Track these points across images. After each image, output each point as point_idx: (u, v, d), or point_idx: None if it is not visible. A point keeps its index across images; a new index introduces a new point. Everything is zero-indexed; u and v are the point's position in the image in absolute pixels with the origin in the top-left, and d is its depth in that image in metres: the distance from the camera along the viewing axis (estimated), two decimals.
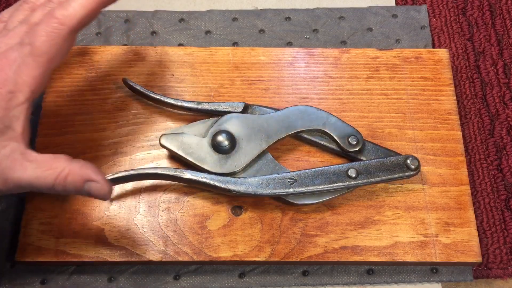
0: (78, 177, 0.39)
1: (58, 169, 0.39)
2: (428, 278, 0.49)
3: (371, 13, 0.61)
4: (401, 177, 0.47)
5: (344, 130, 0.48)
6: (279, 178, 0.46)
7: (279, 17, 0.61)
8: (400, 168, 0.47)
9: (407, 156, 0.47)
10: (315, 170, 0.46)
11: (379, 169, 0.47)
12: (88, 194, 0.40)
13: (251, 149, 0.47)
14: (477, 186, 0.53)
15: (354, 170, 0.46)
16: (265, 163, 0.47)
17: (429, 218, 0.49)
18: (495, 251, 0.50)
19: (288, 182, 0.45)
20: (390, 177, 0.47)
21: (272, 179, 0.46)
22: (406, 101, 0.53)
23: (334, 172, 0.46)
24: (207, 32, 0.60)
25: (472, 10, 0.61)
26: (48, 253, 0.47)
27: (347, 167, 0.46)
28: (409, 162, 0.47)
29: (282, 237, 0.48)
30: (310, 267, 0.49)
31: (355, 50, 0.56)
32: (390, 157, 0.47)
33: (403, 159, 0.47)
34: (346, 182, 0.46)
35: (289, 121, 0.48)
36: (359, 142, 0.48)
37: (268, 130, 0.48)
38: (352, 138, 0.48)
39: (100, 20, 0.60)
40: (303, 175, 0.46)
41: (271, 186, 0.45)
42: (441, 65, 0.55)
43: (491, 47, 0.59)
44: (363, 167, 0.46)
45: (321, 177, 0.46)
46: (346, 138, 0.48)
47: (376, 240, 0.48)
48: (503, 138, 0.55)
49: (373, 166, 0.47)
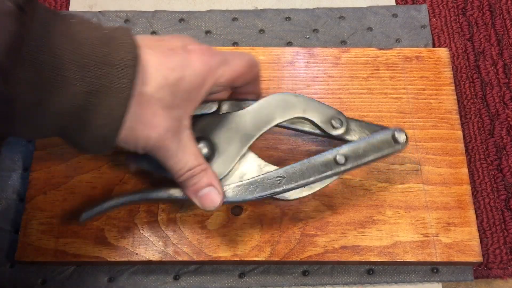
0: (206, 179, 0.41)
1: (195, 163, 0.41)
2: (429, 278, 0.49)
3: (371, 12, 0.61)
4: (391, 153, 0.44)
5: (325, 113, 0.45)
6: (267, 179, 0.42)
7: (279, 17, 0.61)
8: (388, 144, 0.44)
9: (393, 130, 0.44)
10: (303, 163, 0.43)
11: (367, 150, 0.43)
12: (200, 198, 0.42)
13: (231, 153, 0.44)
14: (477, 186, 0.53)
15: (343, 156, 0.43)
16: (249, 163, 0.45)
17: (430, 217, 0.48)
18: (495, 251, 0.50)
19: (276, 181, 0.42)
20: (380, 155, 0.44)
21: (260, 181, 0.42)
22: (406, 100, 0.53)
23: (322, 163, 0.43)
24: (207, 32, 0.60)
25: (472, 10, 0.61)
26: (48, 253, 0.47)
27: (334, 154, 0.43)
28: (397, 136, 0.44)
29: (282, 237, 0.48)
30: (310, 267, 0.49)
31: (355, 50, 0.56)
32: (376, 134, 0.44)
33: (390, 135, 0.44)
34: (336, 169, 0.43)
35: (267, 113, 0.44)
36: (343, 123, 0.45)
37: (246, 128, 0.44)
38: (336, 121, 0.45)
39: (100, 20, 0.60)
40: (291, 171, 0.43)
41: (259, 188, 0.42)
42: (441, 65, 0.55)
43: (491, 47, 0.59)
44: (351, 151, 0.43)
45: (309, 170, 0.43)
46: (329, 122, 0.45)
47: (376, 239, 0.48)
48: (503, 138, 0.55)
49: (361, 148, 0.43)
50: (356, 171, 0.50)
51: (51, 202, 0.48)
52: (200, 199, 0.41)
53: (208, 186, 0.41)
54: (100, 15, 0.60)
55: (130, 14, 0.61)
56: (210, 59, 0.40)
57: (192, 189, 0.41)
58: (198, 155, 0.41)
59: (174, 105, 0.39)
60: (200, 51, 0.40)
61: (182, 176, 0.41)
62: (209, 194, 0.41)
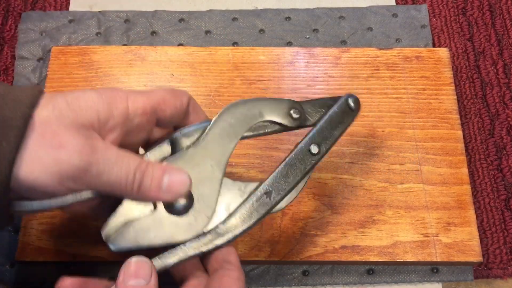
0: (159, 168, 0.36)
1: (137, 160, 0.36)
2: (429, 278, 0.49)
3: (371, 12, 0.61)
4: (352, 121, 0.43)
5: (282, 107, 0.42)
6: (256, 200, 0.39)
7: (279, 17, 0.61)
8: (346, 114, 0.42)
9: (346, 99, 0.43)
10: (280, 169, 0.40)
11: (332, 128, 0.42)
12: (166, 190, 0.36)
13: (209, 188, 0.39)
14: (477, 186, 0.53)
15: (315, 145, 0.41)
16: (229, 191, 0.40)
17: (430, 217, 0.48)
18: (495, 251, 0.50)
19: (266, 198, 0.40)
20: (344, 128, 0.42)
21: (251, 206, 0.39)
22: (406, 100, 0.53)
23: (298, 160, 0.41)
24: (207, 32, 0.60)
25: (472, 10, 0.61)
26: (48, 253, 0.47)
27: (306, 145, 0.41)
28: (350, 103, 0.43)
29: (282, 237, 0.48)
30: (310, 267, 0.49)
31: (355, 50, 0.56)
32: (333, 109, 0.42)
33: (344, 104, 0.43)
34: (313, 160, 0.41)
35: (227, 132, 0.40)
36: (300, 111, 0.42)
37: (214, 155, 0.40)
38: (294, 111, 0.42)
39: (100, 20, 0.60)
40: (274, 180, 0.40)
41: (254, 214, 0.39)
42: (442, 64, 0.55)
43: (491, 47, 0.59)
44: (320, 137, 0.41)
45: (290, 171, 0.40)
46: (288, 115, 0.42)
47: (376, 239, 0.48)
48: (503, 138, 0.55)
49: (327, 130, 0.42)
50: (356, 171, 0.50)
51: None
52: (169, 189, 0.36)
53: (165, 173, 0.36)
54: (100, 15, 0.60)
55: (130, 14, 0.61)
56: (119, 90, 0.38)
57: (153, 187, 0.36)
58: (133, 154, 0.36)
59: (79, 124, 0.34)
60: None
61: (134, 182, 0.35)
62: (172, 178, 0.36)
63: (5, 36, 0.60)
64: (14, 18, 0.61)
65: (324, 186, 0.50)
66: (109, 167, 0.34)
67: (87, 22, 0.60)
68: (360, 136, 0.52)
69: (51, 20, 0.60)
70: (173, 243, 0.38)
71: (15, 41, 0.60)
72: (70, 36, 0.59)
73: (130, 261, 0.35)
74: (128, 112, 0.37)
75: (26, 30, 0.60)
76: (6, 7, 0.62)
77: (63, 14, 0.61)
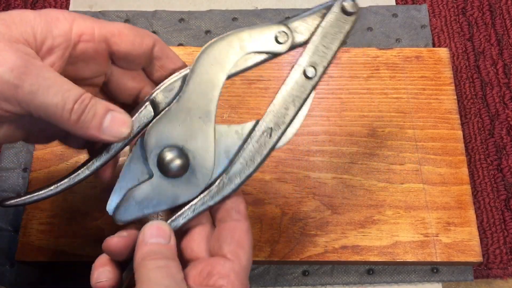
0: (101, 104, 0.33)
1: (79, 91, 0.33)
2: (429, 278, 0.49)
3: (371, 12, 0.61)
4: (351, 28, 0.37)
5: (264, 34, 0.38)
6: (256, 140, 0.37)
7: (279, 17, 0.61)
8: (343, 20, 0.37)
9: (340, 2, 0.37)
10: (277, 101, 0.37)
11: (328, 42, 0.37)
12: (108, 129, 0.34)
13: (203, 141, 0.37)
14: (477, 186, 0.53)
15: (310, 67, 0.37)
16: (226, 136, 0.37)
17: (430, 217, 0.48)
18: (495, 251, 0.50)
19: (266, 137, 0.37)
20: (342, 37, 0.37)
21: (251, 148, 0.37)
22: (406, 100, 0.53)
23: (294, 87, 0.37)
24: (207, 32, 0.60)
25: (472, 10, 0.61)
26: (48, 253, 0.47)
27: (301, 69, 0.37)
28: (346, 6, 0.37)
29: (282, 237, 0.48)
30: (310, 267, 0.49)
31: (355, 50, 0.56)
32: (325, 20, 0.37)
33: (338, 10, 0.37)
34: (311, 84, 0.37)
35: (209, 78, 0.37)
36: (287, 33, 0.38)
37: (199, 106, 0.37)
38: (280, 35, 0.38)
39: None
40: (273, 116, 0.37)
41: (256, 156, 0.37)
42: (442, 64, 0.55)
43: (491, 47, 0.59)
44: (313, 55, 0.37)
45: (287, 103, 0.37)
46: (273, 41, 0.38)
47: (376, 239, 0.48)
48: (503, 138, 0.55)
49: (321, 45, 0.37)
50: (356, 171, 0.50)
51: (51, 202, 0.48)
52: (110, 129, 0.34)
53: (108, 111, 0.33)
54: (100, 15, 0.60)
55: (130, 14, 0.61)
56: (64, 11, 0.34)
57: (94, 124, 0.33)
58: (76, 86, 0.33)
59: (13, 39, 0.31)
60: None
61: (72, 111, 0.32)
62: (115, 118, 0.34)
63: None
64: None
65: (324, 186, 0.50)
66: (45, 88, 0.31)
67: None
68: (360, 136, 0.52)
69: None
70: (178, 204, 0.36)
71: None
72: None
73: (148, 224, 0.35)
74: (71, 34, 0.34)
75: None
76: (6, 7, 0.62)
77: None
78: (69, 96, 0.32)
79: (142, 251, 0.33)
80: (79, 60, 0.35)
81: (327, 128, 0.52)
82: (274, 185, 0.50)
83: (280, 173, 0.50)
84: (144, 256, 0.33)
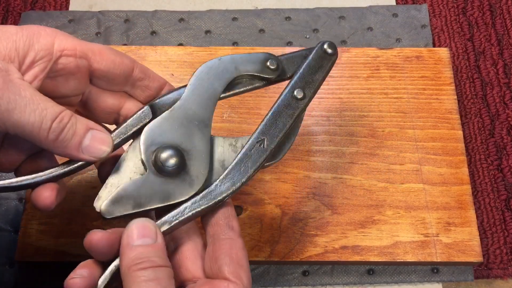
0: (81, 123, 0.33)
1: (58, 109, 0.32)
2: (429, 278, 0.49)
3: (372, 12, 0.61)
4: (331, 65, 0.42)
5: (257, 60, 0.41)
6: (249, 150, 0.38)
7: (279, 17, 0.61)
8: (325, 59, 0.42)
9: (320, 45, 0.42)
10: (269, 117, 0.39)
11: (312, 73, 0.41)
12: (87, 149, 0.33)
13: (199, 145, 0.38)
14: (478, 186, 0.53)
15: (299, 90, 0.40)
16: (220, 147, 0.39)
17: (430, 217, 0.48)
18: (496, 251, 0.50)
19: (259, 146, 0.38)
20: (325, 72, 0.42)
21: (246, 157, 0.38)
22: (406, 100, 0.53)
23: (284, 105, 0.40)
24: (207, 31, 0.60)
25: (472, 10, 0.61)
26: (48, 253, 0.47)
27: (290, 92, 0.40)
28: (326, 48, 0.42)
29: (282, 237, 0.48)
30: (310, 267, 0.49)
31: (355, 50, 0.56)
32: (310, 57, 0.42)
33: (320, 50, 0.42)
34: (300, 105, 0.40)
35: (205, 90, 0.39)
36: (277, 61, 0.41)
37: (197, 114, 0.38)
38: (270, 63, 0.41)
39: (100, 20, 0.60)
40: (264, 128, 0.39)
41: (250, 163, 0.38)
42: (442, 64, 0.55)
43: (491, 47, 0.59)
44: (301, 81, 0.41)
45: (279, 119, 0.39)
46: (265, 66, 0.41)
47: (376, 239, 0.48)
48: (503, 138, 0.55)
49: (307, 74, 0.41)
50: (356, 171, 0.50)
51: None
52: (89, 149, 0.33)
53: (88, 130, 0.33)
54: (100, 15, 0.60)
55: (130, 14, 0.61)
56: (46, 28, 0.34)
57: (73, 144, 0.33)
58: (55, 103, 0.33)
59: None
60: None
61: (49, 131, 0.32)
62: (95, 137, 0.33)
63: None
64: (14, 18, 0.61)
65: (324, 186, 0.50)
66: (21, 105, 0.31)
67: (87, 22, 0.60)
68: (360, 136, 0.52)
69: (50, 20, 0.60)
70: (170, 204, 0.36)
71: None
72: None
73: (132, 222, 0.34)
74: (53, 49, 0.34)
75: None
76: (6, 7, 0.62)
77: (63, 14, 0.61)
78: (47, 114, 0.31)
79: (129, 256, 0.32)
80: (59, 75, 0.35)
81: (327, 128, 0.52)
82: (274, 185, 0.50)
83: (280, 173, 0.50)
84: (131, 263, 0.32)
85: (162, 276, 0.31)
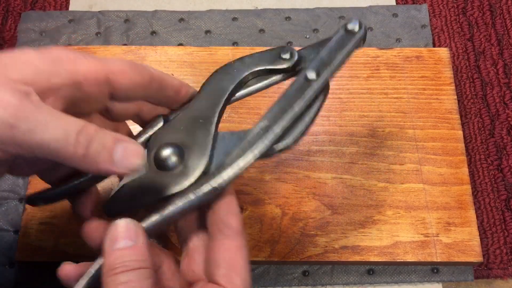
0: (109, 135, 0.31)
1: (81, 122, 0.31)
2: (429, 278, 0.49)
3: (372, 12, 0.61)
4: (356, 45, 0.39)
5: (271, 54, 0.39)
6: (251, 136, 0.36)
7: (279, 17, 0.61)
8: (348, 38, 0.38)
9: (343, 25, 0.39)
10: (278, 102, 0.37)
11: (331, 54, 0.38)
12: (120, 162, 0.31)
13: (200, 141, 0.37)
14: (478, 186, 0.53)
15: (312, 71, 0.37)
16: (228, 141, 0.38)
17: (430, 217, 0.48)
18: (496, 251, 0.50)
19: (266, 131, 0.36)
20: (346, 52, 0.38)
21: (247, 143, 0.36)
22: (406, 100, 0.53)
23: (295, 89, 0.37)
24: (207, 31, 0.60)
25: (472, 10, 0.61)
26: (48, 253, 0.47)
27: (303, 75, 0.37)
28: (350, 27, 0.38)
29: (282, 237, 0.48)
30: (310, 267, 0.49)
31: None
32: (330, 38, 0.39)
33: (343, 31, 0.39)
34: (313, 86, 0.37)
35: (214, 90, 0.39)
36: (292, 51, 0.39)
37: (203, 113, 0.38)
38: (284, 53, 0.39)
39: (100, 20, 0.60)
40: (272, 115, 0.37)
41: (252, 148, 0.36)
42: (442, 64, 0.55)
43: (491, 47, 0.59)
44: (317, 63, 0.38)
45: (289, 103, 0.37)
46: (278, 58, 0.39)
47: (376, 239, 0.48)
48: (504, 138, 0.55)
49: (325, 55, 0.38)
50: (356, 171, 0.50)
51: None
52: (123, 162, 0.31)
53: (118, 142, 0.31)
54: (100, 15, 0.60)
55: (130, 14, 0.61)
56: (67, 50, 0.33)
57: (104, 158, 0.31)
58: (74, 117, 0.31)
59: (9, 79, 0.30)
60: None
61: (77, 145, 0.30)
62: (126, 149, 0.31)
63: (5, 36, 0.60)
64: (14, 18, 0.61)
65: (324, 186, 0.50)
66: (43, 124, 0.29)
67: (87, 22, 0.60)
68: (360, 136, 0.52)
69: (51, 20, 0.60)
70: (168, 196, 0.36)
71: (15, 41, 0.60)
72: (70, 36, 0.59)
73: (112, 226, 0.32)
74: (75, 77, 0.33)
75: (26, 30, 0.60)
76: (6, 7, 0.62)
77: (63, 14, 0.61)
78: (70, 128, 0.30)
79: (109, 260, 0.31)
80: (80, 100, 0.34)
81: (327, 128, 0.52)
82: (274, 185, 0.50)
83: (280, 173, 0.50)
84: (108, 268, 0.31)
85: (135, 279, 0.31)
